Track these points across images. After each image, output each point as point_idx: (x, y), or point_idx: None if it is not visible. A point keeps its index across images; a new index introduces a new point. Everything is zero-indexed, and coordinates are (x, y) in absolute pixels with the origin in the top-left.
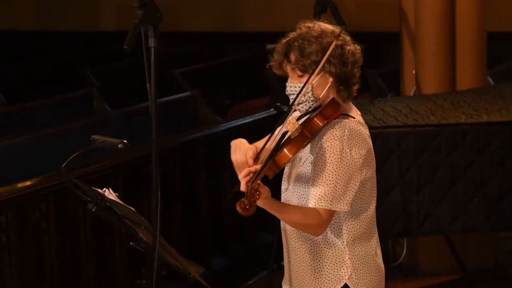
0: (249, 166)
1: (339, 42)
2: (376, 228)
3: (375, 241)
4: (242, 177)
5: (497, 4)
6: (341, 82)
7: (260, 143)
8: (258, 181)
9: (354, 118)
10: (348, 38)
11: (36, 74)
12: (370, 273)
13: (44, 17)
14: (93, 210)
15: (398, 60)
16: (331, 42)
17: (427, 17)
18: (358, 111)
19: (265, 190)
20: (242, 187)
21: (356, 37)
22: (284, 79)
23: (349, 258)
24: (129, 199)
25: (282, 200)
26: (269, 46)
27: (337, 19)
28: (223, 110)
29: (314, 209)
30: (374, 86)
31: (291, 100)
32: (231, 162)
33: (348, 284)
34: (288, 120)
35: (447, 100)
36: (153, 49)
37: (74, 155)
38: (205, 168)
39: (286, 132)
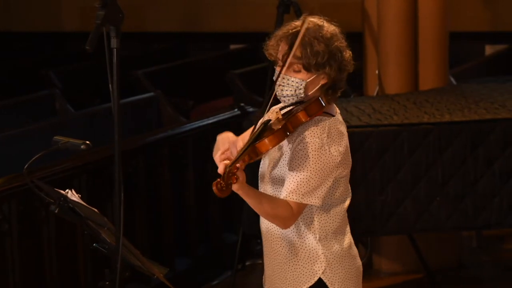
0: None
1: (342, 46)
2: (349, 227)
3: (348, 238)
4: (221, 160)
5: (460, 4)
6: (331, 86)
7: (243, 137)
8: (237, 164)
9: (334, 116)
10: (345, 43)
11: None
12: (345, 269)
13: (6, 17)
14: (56, 211)
15: (361, 60)
16: (338, 47)
17: (390, 17)
18: (337, 109)
19: (242, 175)
20: (220, 169)
21: None
22: (249, 78)
23: (322, 253)
24: (93, 200)
25: (260, 190)
26: (232, 47)
27: None
28: (187, 110)
29: (285, 201)
30: None
31: (278, 90)
32: (195, 163)
33: (323, 279)
34: (272, 109)
35: (410, 99)
36: (115, 49)
37: (36, 156)
38: (168, 169)
39: (269, 121)
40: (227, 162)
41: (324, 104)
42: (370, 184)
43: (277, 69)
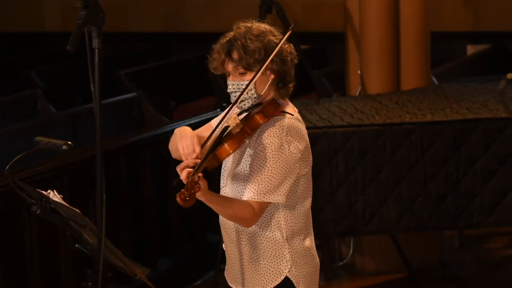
0: (196, 154)
1: (277, 41)
2: (311, 221)
3: (311, 237)
4: (182, 169)
5: (441, 4)
6: (280, 80)
7: (199, 132)
8: (199, 174)
9: (292, 115)
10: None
11: None
12: (308, 265)
13: None
14: (38, 212)
15: (343, 60)
16: (273, 41)
17: (372, 18)
18: (295, 108)
19: (203, 183)
20: (183, 176)
21: (302, 37)
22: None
23: (288, 252)
24: (75, 201)
25: (221, 186)
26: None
27: (282, 19)
28: (169, 111)
29: (247, 201)
30: (319, 86)
31: (233, 98)
32: (177, 163)
33: (289, 277)
34: (229, 115)
35: (392, 99)
36: (96, 50)
37: (18, 157)
38: (151, 169)
39: (227, 127)
40: (189, 170)
41: (280, 103)
42: (352, 183)
43: (229, 78)
